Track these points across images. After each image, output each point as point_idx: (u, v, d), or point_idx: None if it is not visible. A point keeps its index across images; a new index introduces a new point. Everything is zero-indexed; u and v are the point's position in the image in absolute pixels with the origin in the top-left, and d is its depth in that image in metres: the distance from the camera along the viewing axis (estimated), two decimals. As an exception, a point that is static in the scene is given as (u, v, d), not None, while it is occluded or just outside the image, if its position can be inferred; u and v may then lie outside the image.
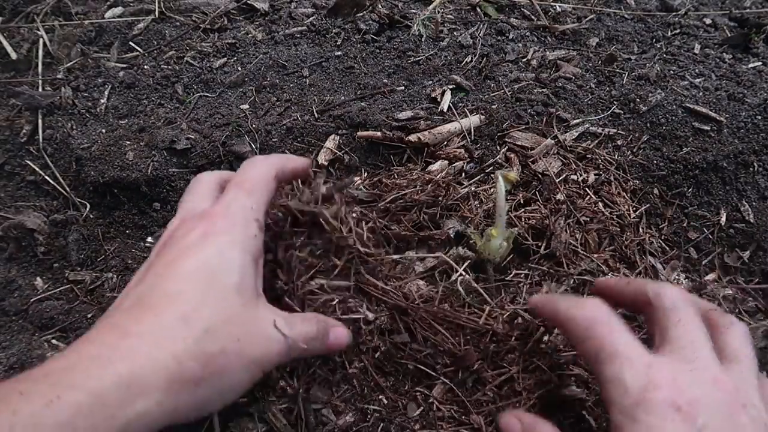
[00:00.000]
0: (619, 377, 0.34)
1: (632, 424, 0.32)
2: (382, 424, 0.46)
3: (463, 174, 0.59)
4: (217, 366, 0.33)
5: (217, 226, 0.37)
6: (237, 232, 0.38)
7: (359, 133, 0.61)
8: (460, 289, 0.49)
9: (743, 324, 0.39)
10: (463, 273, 0.51)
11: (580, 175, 0.58)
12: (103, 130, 0.64)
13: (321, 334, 0.40)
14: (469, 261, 0.52)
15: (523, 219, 0.55)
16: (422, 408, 0.47)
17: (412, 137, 0.60)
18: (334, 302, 0.44)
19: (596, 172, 0.59)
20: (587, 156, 0.60)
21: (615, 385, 0.34)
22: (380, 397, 0.47)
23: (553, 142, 0.60)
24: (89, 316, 0.58)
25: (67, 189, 0.64)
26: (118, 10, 0.78)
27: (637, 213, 0.59)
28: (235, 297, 0.35)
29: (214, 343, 0.33)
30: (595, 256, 0.54)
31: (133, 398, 0.30)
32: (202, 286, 0.35)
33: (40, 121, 0.66)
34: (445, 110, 0.63)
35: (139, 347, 0.31)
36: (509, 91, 0.65)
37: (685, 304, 0.37)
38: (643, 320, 0.43)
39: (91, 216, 0.63)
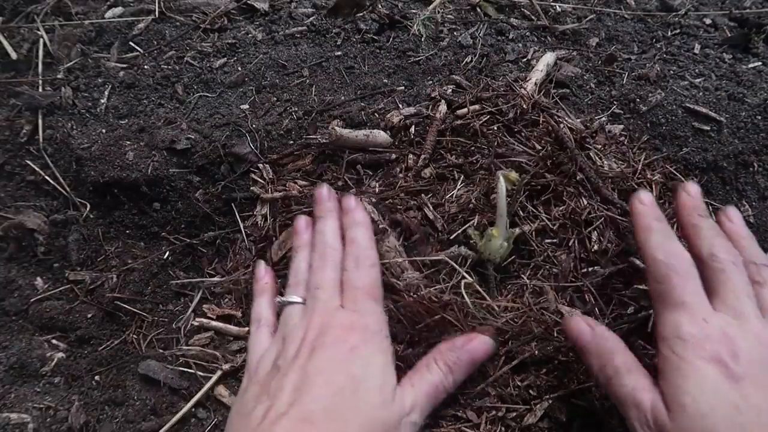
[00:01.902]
0: (678, 324, 0.40)
1: (680, 360, 0.38)
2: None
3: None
4: None
5: (357, 338, 0.44)
6: (376, 340, 0.44)
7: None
8: (466, 297, 0.49)
9: None
10: (465, 275, 0.51)
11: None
12: (103, 130, 0.64)
13: (454, 367, 0.45)
14: (470, 261, 0.52)
15: (528, 218, 0.55)
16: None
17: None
18: None
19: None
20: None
21: (672, 328, 0.40)
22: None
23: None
24: (89, 316, 0.58)
25: (67, 189, 0.63)
26: (118, 10, 0.78)
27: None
28: (377, 398, 0.41)
29: None
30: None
31: None
32: (349, 399, 0.41)
33: (40, 121, 0.66)
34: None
35: None
36: (509, 91, 0.65)
37: (733, 266, 0.42)
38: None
39: (91, 216, 0.63)
